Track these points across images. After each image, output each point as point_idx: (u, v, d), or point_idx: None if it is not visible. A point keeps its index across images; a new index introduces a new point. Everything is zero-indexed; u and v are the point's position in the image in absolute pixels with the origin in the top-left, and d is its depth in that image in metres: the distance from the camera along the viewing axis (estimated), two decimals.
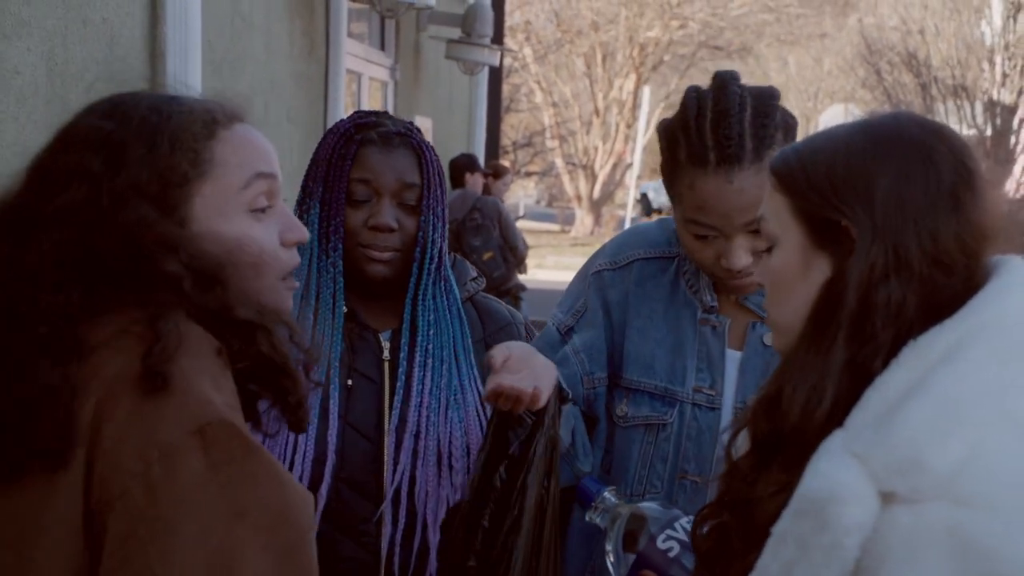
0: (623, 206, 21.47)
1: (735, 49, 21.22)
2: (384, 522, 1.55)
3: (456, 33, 6.40)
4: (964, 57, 9.92)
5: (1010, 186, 9.34)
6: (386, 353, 1.62)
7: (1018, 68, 9.45)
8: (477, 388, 1.64)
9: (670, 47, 20.42)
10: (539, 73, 19.61)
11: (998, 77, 9.45)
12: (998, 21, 9.84)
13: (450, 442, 1.58)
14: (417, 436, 1.57)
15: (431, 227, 1.62)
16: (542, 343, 1.68)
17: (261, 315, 1.01)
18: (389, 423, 1.58)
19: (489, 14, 6.37)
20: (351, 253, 1.59)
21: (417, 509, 1.56)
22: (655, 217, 19.90)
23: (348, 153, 1.58)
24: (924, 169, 0.97)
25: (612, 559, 1.32)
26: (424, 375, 1.59)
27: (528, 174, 20.50)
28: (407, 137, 1.62)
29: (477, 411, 1.62)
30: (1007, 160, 9.10)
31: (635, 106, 19.35)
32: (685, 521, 1.27)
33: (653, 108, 19.98)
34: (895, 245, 0.94)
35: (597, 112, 20.22)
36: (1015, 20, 9.83)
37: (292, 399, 1.03)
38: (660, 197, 25.63)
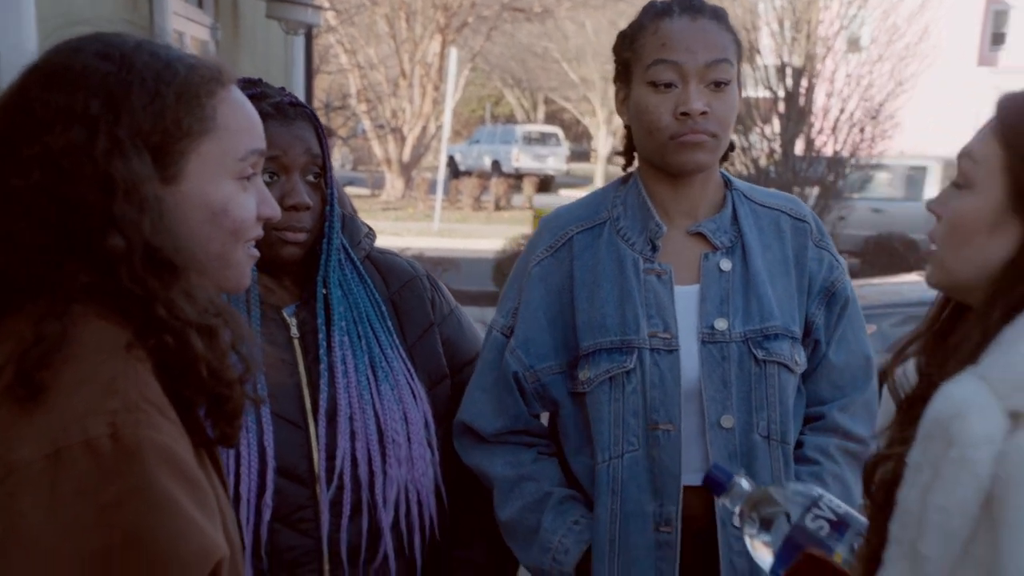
0: (432, 169, 21.44)
1: (536, 12, 21.53)
2: (321, 506, 1.49)
3: None
4: (755, 21, 10.56)
5: (800, 145, 10.09)
6: (294, 330, 1.55)
7: (804, 32, 10.17)
8: (400, 354, 1.61)
9: (473, 8, 20.44)
10: (344, 35, 19.15)
11: (788, 41, 10.14)
12: None
13: (387, 416, 1.54)
14: (352, 418, 1.52)
15: (335, 200, 1.57)
16: (492, 352, 1.67)
17: (204, 314, 0.94)
18: (314, 405, 1.52)
19: None
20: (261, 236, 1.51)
21: (363, 491, 1.51)
22: (463, 179, 19.72)
23: None
24: None
25: (751, 543, 1.31)
26: (345, 355, 1.54)
27: (335, 137, 20.04)
28: (301, 107, 1.55)
29: (406, 378, 1.59)
30: (799, 119, 9.83)
31: (442, 68, 19.29)
32: (828, 499, 1.27)
33: (460, 70, 19.98)
34: None
35: (404, 74, 20.00)
36: None
37: (226, 409, 0.97)
38: (467, 160, 25.83)
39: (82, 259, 0.90)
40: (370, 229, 1.71)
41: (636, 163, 1.70)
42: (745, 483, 1.36)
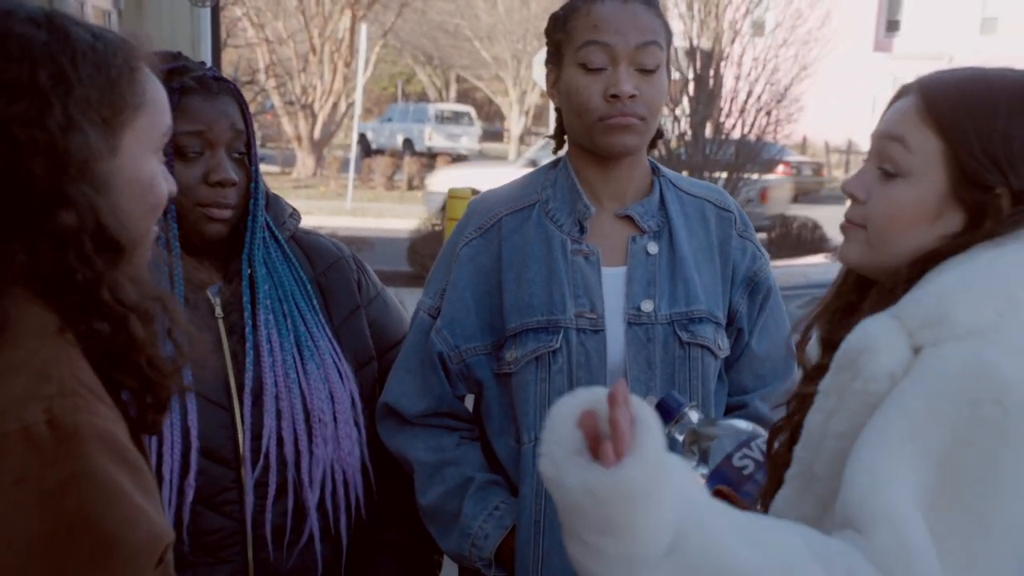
0: (344, 147, 21.13)
1: None
2: (245, 487, 1.48)
3: None
4: (664, 3, 10.70)
5: (710, 129, 10.27)
6: (218, 310, 1.53)
7: (712, 14, 10.35)
8: (327, 333, 1.59)
9: None
10: (252, 7, 18.67)
11: (697, 24, 10.30)
12: None
13: (313, 395, 1.53)
14: (278, 397, 1.51)
15: (259, 177, 1.56)
16: (418, 333, 1.67)
17: (145, 298, 0.93)
18: (239, 386, 1.50)
19: None
20: (185, 214, 1.48)
21: (288, 471, 1.50)
22: (376, 158, 19.42)
23: (171, 104, 1.45)
24: None
25: None
26: (270, 333, 1.53)
27: None
28: (224, 82, 1.52)
29: (332, 357, 1.58)
30: (708, 102, 10.00)
31: (352, 44, 18.97)
32: (761, 441, 1.30)
33: (371, 47, 19.69)
34: None
35: (314, 50, 19.62)
36: None
37: (157, 398, 0.96)
38: (379, 137, 25.53)
39: (23, 237, 0.87)
40: (294, 210, 1.69)
41: (566, 146, 1.71)
42: (694, 415, 1.38)
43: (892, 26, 27.57)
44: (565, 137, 1.70)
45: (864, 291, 1.13)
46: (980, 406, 0.89)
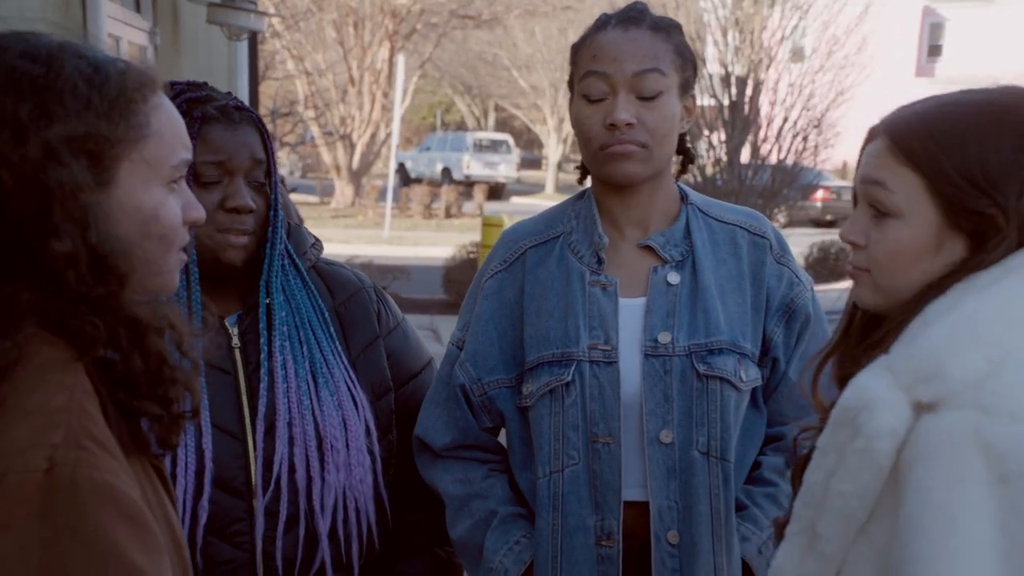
0: (382, 176, 21.34)
1: (485, 19, 21.56)
2: (255, 518, 1.47)
3: None
4: (700, 31, 10.71)
5: (745, 154, 10.22)
6: (235, 340, 1.53)
7: (747, 42, 10.33)
8: (342, 361, 1.59)
9: (422, 15, 20.41)
10: (291, 40, 18.98)
11: (731, 50, 10.29)
12: None
13: (326, 422, 1.52)
14: (291, 424, 1.50)
15: (279, 204, 1.56)
16: (447, 366, 1.68)
17: (154, 315, 0.93)
18: (252, 414, 1.50)
19: None
20: (203, 240, 1.49)
21: (300, 499, 1.49)
22: (414, 187, 19.71)
23: (191, 132, 1.43)
24: None
25: None
26: (286, 360, 1.53)
27: (282, 144, 19.87)
28: (245, 111, 1.53)
29: (347, 384, 1.57)
30: (744, 128, 9.97)
31: (390, 75, 19.21)
32: None
33: (408, 77, 19.92)
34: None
35: (352, 81, 19.88)
36: None
37: (172, 413, 0.95)
38: (418, 167, 25.77)
39: (22, 274, 0.88)
40: (316, 240, 1.69)
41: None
42: None
43: (934, 51, 27.33)
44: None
45: (872, 330, 1.13)
46: (990, 484, 0.90)
